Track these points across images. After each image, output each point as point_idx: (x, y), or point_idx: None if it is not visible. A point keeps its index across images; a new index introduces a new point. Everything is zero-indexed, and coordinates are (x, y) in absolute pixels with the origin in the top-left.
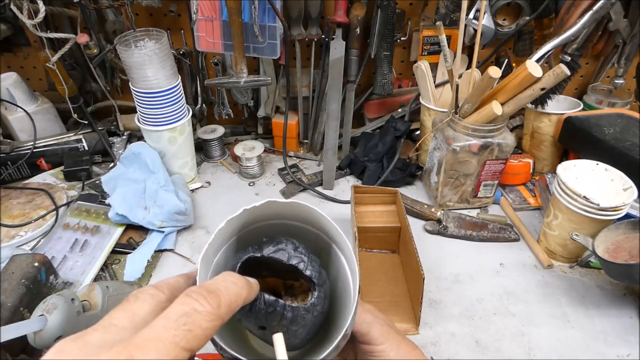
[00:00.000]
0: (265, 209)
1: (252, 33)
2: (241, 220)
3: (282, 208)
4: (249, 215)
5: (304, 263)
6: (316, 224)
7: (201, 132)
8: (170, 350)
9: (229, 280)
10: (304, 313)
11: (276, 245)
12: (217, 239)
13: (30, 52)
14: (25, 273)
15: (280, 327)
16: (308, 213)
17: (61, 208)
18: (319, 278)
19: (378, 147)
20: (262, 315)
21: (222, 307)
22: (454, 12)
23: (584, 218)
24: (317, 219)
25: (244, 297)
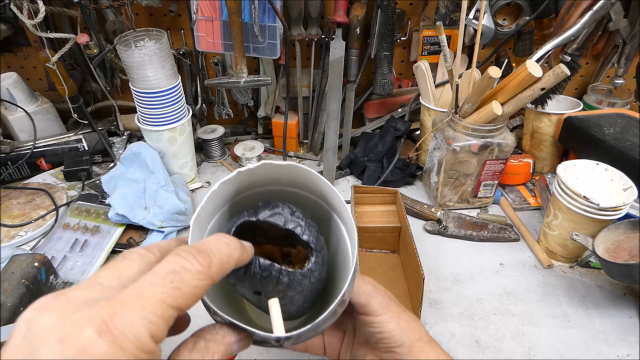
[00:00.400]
0: (262, 172)
1: (252, 33)
2: (236, 183)
3: (279, 171)
4: (245, 179)
5: (300, 228)
6: (315, 190)
7: (201, 132)
8: (156, 307)
9: (221, 241)
10: (301, 278)
11: (272, 210)
12: (210, 203)
13: (30, 52)
14: (25, 273)
15: (276, 292)
16: (306, 177)
17: (61, 208)
18: (316, 243)
19: (378, 147)
20: (257, 280)
21: (212, 267)
22: (454, 12)
23: (584, 218)
24: (315, 182)
25: (237, 259)
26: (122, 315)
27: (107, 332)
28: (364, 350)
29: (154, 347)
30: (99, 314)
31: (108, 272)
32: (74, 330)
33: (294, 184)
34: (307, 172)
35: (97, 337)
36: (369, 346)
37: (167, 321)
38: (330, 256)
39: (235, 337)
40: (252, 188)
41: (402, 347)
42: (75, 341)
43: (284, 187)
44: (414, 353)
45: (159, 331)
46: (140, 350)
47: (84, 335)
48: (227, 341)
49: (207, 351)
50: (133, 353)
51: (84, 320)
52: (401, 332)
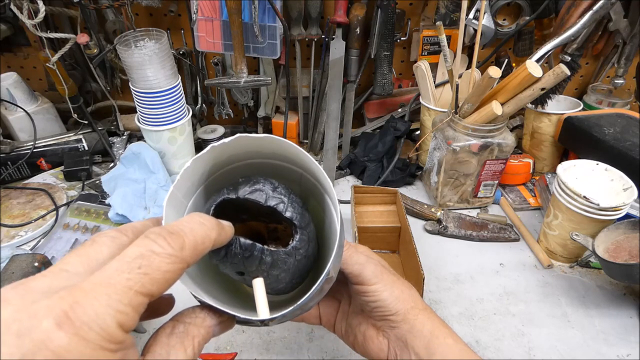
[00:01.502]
0: (239, 146)
1: (252, 33)
2: (211, 159)
3: (258, 144)
4: (221, 154)
5: (283, 204)
6: (298, 162)
7: (201, 132)
8: (123, 295)
9: (195, 221)
10: (285, 257)
11: (253, 186)
12: (185, 181)
13: (30, 52)
14: (25, 273)
15: (260, 272)
16: (286, 149)
17: (61, 208)
18: (300, 220)
19: (378, 147)
20: (238, 260)
21: (185, 249)
22: (454, 12)
23: (584, 218)
24: (296, 155)
25: (213, 239)
26: (85, 305)
27: (68, 323)
28: (359, 319)
29: (122, 337)
30: (60, 304)
31: (75, 258)
32: (32, 323)
33: (277, 157)
34: (286, 145)
35: (57, 329)
36: (364, 315)
37: (137, 309)
38: (323, 231)
39: (216, 320)
40: (232, 162)
41: (396, 315)
42: (34, 334)
43: (266, 159)
44: (408, 320)
45: (128, 319)
46: (106, 341)
47: (43, 327)
48: (207, 324)
49: (187, 335)
50: (99, 344)
51: (42, 312)
52: (395, 300)
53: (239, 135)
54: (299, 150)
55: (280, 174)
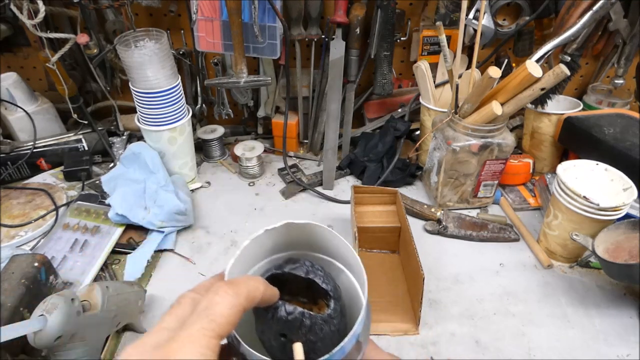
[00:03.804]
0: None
1: (252, 33)
2: (265, 241)
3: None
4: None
5: (320, 278)
6: (329, 248)
7: (201, 132)
8: (201, 340)
9: (248, 277)
10: (322, 323)
11: (295, 263)
12: (243, 256)
13: (30, 52)
14: (25, 273)
15: (300, 336)
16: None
17: (61, 208)
18: (334, 292)
19: (378, 147)
20: (282, 322)
21: (241, 296)
22: (454, 12)
23: (584, 218)
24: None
25: (262, 291)
26: (179, 353)
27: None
28: None
29: None
30: (163, 355)
31: (169, 317)
32: None
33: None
34: (323, 230)
35: None
36: None
37: (213, 349)
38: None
39: None
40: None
41: None
42: None
43: (304, 251)
44: None
45: (210, 357)
46: None
47: None
48: None
49: None
50: None
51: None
52: None
53: (287, 221)
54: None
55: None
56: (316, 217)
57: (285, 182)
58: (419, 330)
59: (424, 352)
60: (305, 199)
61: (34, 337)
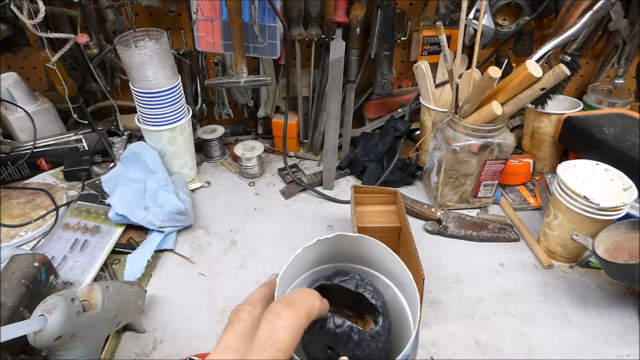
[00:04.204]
0: (336, 242)
1: (252, 33)
2: (315, 251)
3: (351, 242)
4: (321, 248)
5: (369, 292)
6: (375, 262)
7: (201, 132)
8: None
9: (304, 292)
10: (369, 339)
11: (344, 276)
12: (293, 265)
13: (30, 52)
14: (25, 273)
15: (347, 350)
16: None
17: (61, 208)
18: (383, 308)
19: (378, 147)
20: (330, 334)
21: (301, 317)
22: (454, 12)
23: (584, 218)
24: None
25: (318, 306)
26: None
27: None
28: None
29: None
30: None
31: (231, 336)
32: None
33: (358, 259)
34: (375, 244)
35: None
36: None
37: None
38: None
39: None
40: (325, 262)
41: None
42: None
43: (350, 263)
44: None
45: None
46: None
47: None
48: None
49: None
50: None
51: None
52: None
53: (339, 233)
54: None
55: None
56: (316, 217)
57: (285, 182)
58: (419, 330)
59: (424, 352)
60: (305, 199)
61: (34, 337)
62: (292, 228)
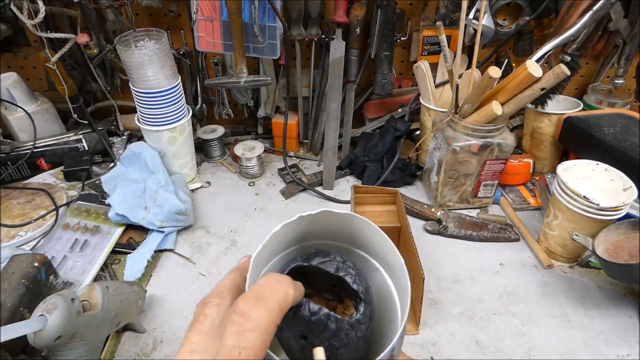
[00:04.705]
0: (321, 220)
1: (252, 33)
2: (296, 228)
3: (337, 221)
4: (304, 225)
5: (351, 276)
6: (366, 243)
7: (201, 132)
8: None
9: (274, 280)
10: (348, 328)
11: (325, 257)
12: (270, 243)
13: (30, 52)
14: (25, 273)
15: (322, 340)
16: (360, 226)
17: (61, 208)
18: (365, 294)
19: (378, 147)
20: (305, 323)
21: (272, 313)
22: (454, 12)
23: (584, 218)
24: (371, 233)
25: (292, 296)
26: None
27: None
28: None
29: None
30: None
31: (197, 336)
32: None
33: (347, 239)
34: (364, 223)
35: None
36: None
37: None
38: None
39: None
40: (307, 240)
41: None
42: None
43: (337, 242)
44: None
45: None
46: None
47: None
48: None
49: None
50: None
51: None
52: None
53: (324, 209)
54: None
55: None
56: None
57: (285, 182)
58: (419, 330)
59: (424, 352)
60: (305, 199)
61: (34, 337)
62: None
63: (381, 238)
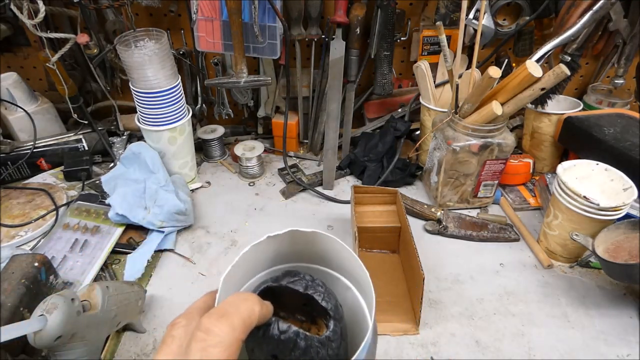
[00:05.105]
0: (289, 239)
1: (252, 33)
2: (266, 249)
3: (304, 239)
4: (274, 247)
5: (319, 294)
6: (336, 261)
7: (201, 132)
8: None
9: (239, 298)
10: (318, 345)
11: (293, 277)
12: (243, 262)
13: (30, 52)
14: (25, 273)
15: (293, 358)
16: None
17: (61, 208)
18: (335, 312)
19: (378, 147)
20: (274, 342)
21: (236, 329)
22: (454, 12)
23: (584, 218)
24: (337, 251)
25: (257, 313)
26: None
27: None
28: None
29: None
30: None
31: (164, 357)
32: None
33: (317, 259)
34: (331, 240)
35: None
36: None
37: None
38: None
39: None
40: (278, 263)
41: None
42: None
43: (308, 264)
44: None
45: None
46: None
47: None
48: None
49: None
50: None
51: None
52: None
53: (291, 229)
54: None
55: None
56: (316, 217)
57: (285, 182)
58: (419, 330)
59: (424, 352)
60: (305, 199)
61: (34, 337)
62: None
63: (348, 254)
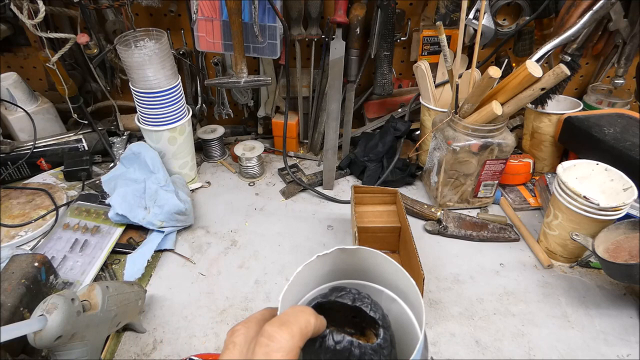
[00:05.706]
0: (337, 258)
1: (252, 33)
2: (314, 267)
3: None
4: (321, 265)
5: (367, 305)
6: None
7: (201, 132)
8: None
9: (297, 310)
10: (371, 353)
11: (341, 291)
12: (298, 280)
13: (30, 52)
14: (25, 273)
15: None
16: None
17: (61, 208)
18: (383, 320)
19: (378, 147)
20: (330, 352)
21: (295, 336)
22: (454, 12)
23: (584, 218)
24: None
25: (313, 323)
26: None
27: None
28: None
29: None
30: None
31: None
32: None
33: (362, 274)
34: (374, 254)
35: None
36: None
37: None
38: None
39: None
40: (324, 282)
41: None
42: None
43: (352, 280)
44: None
45: None
46: None
47: None
48: None
49: None
50: None
51: None
52: None
53: (338, 247)
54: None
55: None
56: (316, 217)
57: (285, 182)
58: None
59: None
60: (305, 199)
61: (34, 337)
62: (292, 228)
63: (391, 266)
